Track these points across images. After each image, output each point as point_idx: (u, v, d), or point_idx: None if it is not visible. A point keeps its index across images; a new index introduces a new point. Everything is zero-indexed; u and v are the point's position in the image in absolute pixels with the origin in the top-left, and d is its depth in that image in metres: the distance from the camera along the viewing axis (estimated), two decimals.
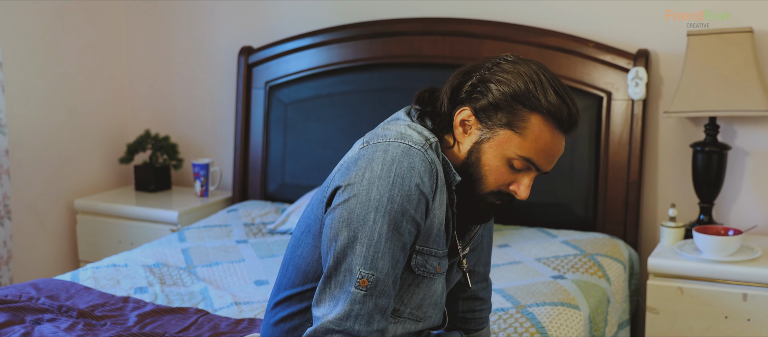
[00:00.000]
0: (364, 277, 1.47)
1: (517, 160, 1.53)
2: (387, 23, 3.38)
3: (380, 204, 1.47)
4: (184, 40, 3.83)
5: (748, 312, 2.66)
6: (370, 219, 1.47)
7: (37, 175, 3.56)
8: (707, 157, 2.91)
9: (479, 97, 1.53)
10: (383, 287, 1.48)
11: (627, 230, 3.11)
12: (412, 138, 1.52)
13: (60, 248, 3.71)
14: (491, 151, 1.53)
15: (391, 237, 1.47)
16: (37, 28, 3.51)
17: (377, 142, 1.53)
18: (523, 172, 1.55)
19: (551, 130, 1.52)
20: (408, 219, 1.48)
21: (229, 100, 3.78)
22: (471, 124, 1.55)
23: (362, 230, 1.47)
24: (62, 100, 3.65)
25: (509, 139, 1.52)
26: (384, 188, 1.47)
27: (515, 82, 1.51)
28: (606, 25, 3.15)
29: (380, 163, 1.49)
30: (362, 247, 1.47)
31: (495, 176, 1.54)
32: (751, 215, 3.06)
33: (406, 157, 1.48)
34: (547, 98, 1.50)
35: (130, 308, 2.36)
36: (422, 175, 1.48)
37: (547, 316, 2.31)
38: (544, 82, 1.51)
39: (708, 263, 2.70)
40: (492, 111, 1.52)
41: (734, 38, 2.84)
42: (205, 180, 3.67)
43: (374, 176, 1.48)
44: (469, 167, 1.55)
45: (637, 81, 3.02)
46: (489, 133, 1.53)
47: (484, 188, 1.55)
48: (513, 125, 1.51)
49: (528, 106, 1.50)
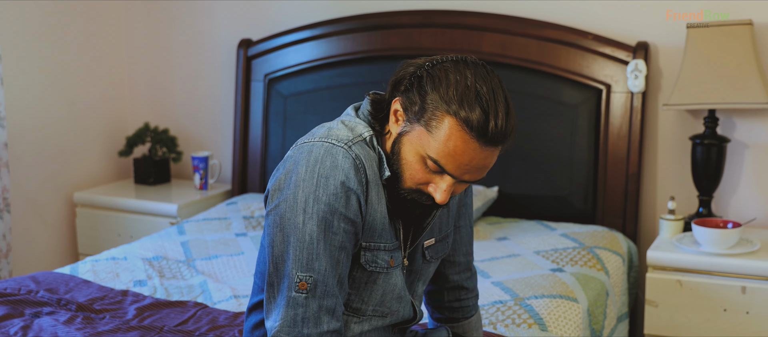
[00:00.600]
0: (301, 280, 1.48)
1: (427, 159, 1.49)
2: (386, 16, 3.38)
3: (307, 206, 1.47)
4: (183, 33, 3.83)
5: (747, 305, 2.66)
6: (299, 222, 1.47)
7: (36, 168, 3.56)
8: (706, 149, 2.91)
9: (410, 89, 1.51)
10: (324, 287, 1.48)
11: (626, 222, 3.11)
12: (338, 135, 1.52)
13: (59, 241, 3.72)
14: (408, 145, 1.51)
15: (324, 237, 1.47)
16: (36, 22, 3.51)
17: (304, 142, 1.54)
18: (438, 174, 1.51)
19: (464, 137, 1.45)
20: (338, 217, 1.48)
21: (228, 92, 3.77)
22: (400, 115, 1.53)
23: (294, 234, 1.48)
24: (61, 93, 3.65)
25: (422, 136, 1.49)
26: (309, 190, 1.47)
27: (444, 81, 1.47)
28: (605, 17, 3.15)
29: (304, 164, 1.49)
30: (296, 250, 1.48)
31: (410, 173, 1.52)
32: (750, 208, 3.06)
33: (329, 156, 1.48)
34: (466, 103, 1.44)
35: (128, 301, 2.36)
36: (347, 171, 1.48)
37: (545, 308, 2.32)
38: (472, 88, 1.45)
39: (707, 255, 2.70)
40: (416, 105, 1.49)
41: (734, 31, 2.84)
42: (205, 173, 3.67)
43: (299, 178, 1.48)
44: (392, 158, 1.54)
45: (636, 73, 3.02)
46: (408, 127, 1.51)
47: (402, 183, 1.53)
48: (428, 123, 1.47)
49: (445, 108, 1.45)
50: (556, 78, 3.16)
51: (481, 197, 3.12)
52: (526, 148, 3.19)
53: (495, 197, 3.20)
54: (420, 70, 1.51)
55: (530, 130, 3.18)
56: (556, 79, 3.16)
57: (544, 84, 3.17)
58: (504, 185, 3.23)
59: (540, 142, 3.18)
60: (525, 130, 3.19)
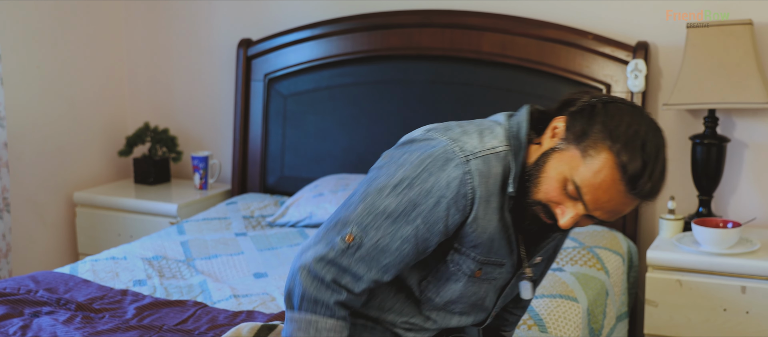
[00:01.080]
0: (351, 233, 1.51)
1: (570, 183, 1.48)
2: (386, 15, 3.38)
3: (399, 186, 1.50)
4: (183, 33, 3.83)
5: (747, 305, 2.66)
6: (385, 193, 1.50)
7: (36, 168, 3.56)
8: (706, 149, 2.91)
9: (580, 113, 1.50)
10: (365, 255, 1.50)
11: (626, 222, 3.11)
12: (467, 143, 1.51)
13: (59, 241, 3.72)
14: (555, 162, 1.49)
15: (394, 219, 1.50)
16: (36, 21, 3.51)
17: (436, 133, 1.54)
18: (572, 200, 1.49)
19: (615, 177, 1.44)
20: (417, 214, 1.49)
21: (228, 92, 3.77)
22: (559, 132, 1.51)
23: (373, 196, 1.51)
24: (61, 93, 3.64)
25: (573, 159, 1.47)
26: (409, 175, 1.50)
27: (616, 119, 1.46)
28: (605, 17, 3.15)
29: (419, 153, 1.52)
30: (365, 210, 1.51)
31: (547, 188, 1.50)
32: (750, 208, 3.05)
33: (443, 159, 1.49)
34: (630, 148, 1.44)
35: (128, 300, 2.36)
36: (450, 182, 1.48)
37: (545, 308, 2.32)
38: (641, 138, 1.45)
39: (707, 255, 2.70)
40: (580, 129, 1.48)
41: (734, 30, 2.84)
42: (205, 173, 3.67)
43: (408, 160, 1.51)
44: (533, 168, 1.52)
45: (636, 73, 3.02)
46: (563, 146, 1.49)
47: (533, 194, 1.52)
48: (585, 150, 1.46)
49: (607, 145, 1.45)
50: (556, 78, 3.16)
51: None
52: None
53: None
54: (595, 101, 1.51)
55: None
56: (556, 79, 3.16)
57: (543, 84, 3.17)
58: None
59: None
60: None
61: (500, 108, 3.18)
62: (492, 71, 3.23)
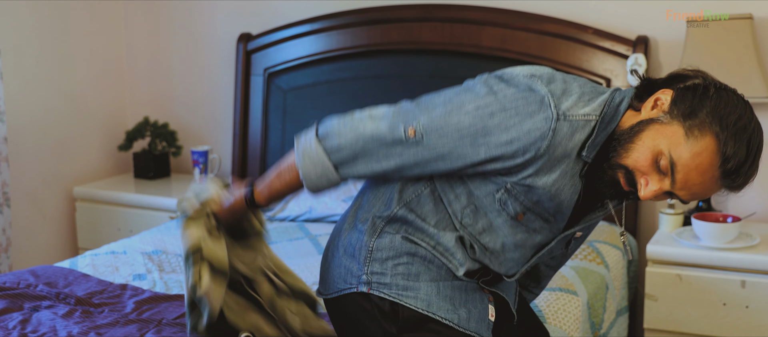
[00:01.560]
0: (416, 130, 1.50)
1: (664, 157, 1.45)
2: (386, 10, 3.37)
3: (483, 108, 1.47)
4: (182, 27, 3.83)
5: (747, 299, 2.66)
6: (464, 109, 1.48)
7: (36, 162, 3.56)
8: None
9: (690, 91, 1.48)
10: (419, 154, 1.50)
11: (626, 216, 3.11)
12: (563, 103, 1.46)
13: (59, 236, 3.72)
14: (654, 133, 1.46)
15: (462, 139, 1.48)
16: (35, 16, 3.50)
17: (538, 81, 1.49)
18: (659, 174, 1.47)
19: (713, 162, 1.44)
20: (485, 142, 1.47)
21: (227, 87, 3.77)
22: (662, 104, 1.49)
23: (451, 108, 1.49)
24: (61, 88, 3.64)
25: (675, 135, 1.45)
26: (496, 108, 1.47)
27: (730, 106, 1.45)
28: (605, 11, 3.14)
29: (519, 92, 1.47)
30: (439, 115, 1.49)
31: (637, 155, 1.47)
32: (749, 202, 3.05)
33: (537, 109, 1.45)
34: (737, 139, 1.43)
35: (127, 295, 2.36)
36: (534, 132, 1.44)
37: (544, 301, 2.32)
38: (749, 132, 1.45)
39: (706, 250, 2.70)
40: (687, 107, 1.46)
41: (734, 25, 2.83)
42: (204, 167, 3.66)
43: (506, 92, 1.48)
44: (626, 133, 1.49)
45: (636, 67, 3.02)
46: (666, 119, 1.46)
47: (622, 158, 1.48)
48: (690, 128, 1.44)
49: (712, 123, 1.44)
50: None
51: None
52: None
53: None
54: (709, 83, 1.49)
55: None
56: None
57: None
58: None
59: None
60: None
61: None
62: (492, 66, 3.22)
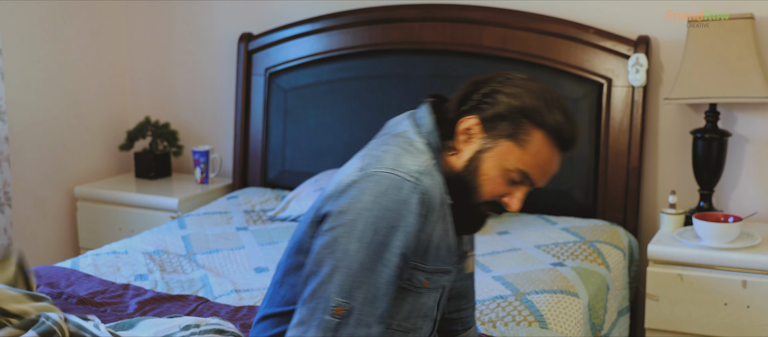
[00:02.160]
0: (339, 305, 1.45)
1: (514, 172, 1.54)
2: (387, 10, 3.37)
3: (364, 235, 1.45)
4: (183, 27, 3.83)
5: (748, 299, 2.66)
6: (352, 249, 1.45)
7: (37, 162, 3.56)
8: (707, 144, 2.91)
9: (487, 107, 1.54)
10: (359, 317, 1.45)
11: (627, 216, 3.11)
12: (408, 166, 1.50)
13: (60, 236, 3.72)
14: (491, 161, 1.54)
15: (373, 269, 1.45)
16: (36, 15, 3.50)
17: (373, 171, 1.50)
18: (517, 185, 1.56)
19: (551, 148, 1.54)
20: (393, 253, 1.46)
21: (229, 86, 3.77)
22: (475, 133, 1.54)
23: (344, 260, 1.45)
24: (62, 88, 3.64)
25: (510, 151, 1.53)
26: (370, 220, 1.45)
27: (525, 96, 1.53)
28: (606, 11, 3.14)
29: (370, 194, 1.47)
30: (341, 276, 1.45)
31: (491, 187, 1.55)
32: (751, 202, 3.06)
33: (396, 190, 1.46)
34: (553, 116, 1.52)
35: (130, 295, 2.36)
36: (412, 208, 1.46)
37: (545, 304, 2.32)
38: (552, 101, 1.53)
39: (708, 249, 2.70)
40: (497, 121, 1.53)
41: (735, 25, 2.83)
42: (205, 167, 3.67)
43: (362, 207, 1.46)
44: (467, 175, 1.55)
45: (637, 67, 3.02)
46: (491, 143, 1.53)
47: (479, 197, 1.55)
48: (516, 137, 1.52)
49: (533, 121, 1.52)
50: (557, 72, 3.16)
51: None
52: None
53: None
54: (492, 87, 1.55)
55: None
56: (556, 74, 3.16)
57: (544, 78, 3.16)
58: None
59: None
60: None
61: None
62: (493, 65, 3.22)
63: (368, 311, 1.46)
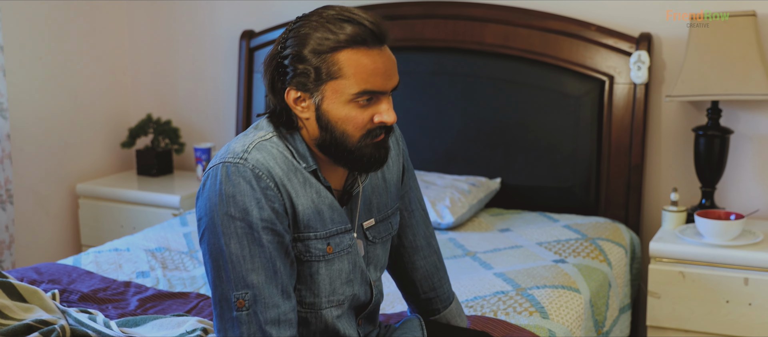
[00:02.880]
0: (239, 298, 1.50)
1: (358, 97, 1.52)
2: (389, 7, 3.37)
3: (225, 228, 1.49)
4: (185, 24, 3.83)
5: (750, 296, 2.66)
6: (222, 245, 1.50)
7: (38, 159, 3.57)
8: (709, 141, 2.91)
9: (289, 74, 1.53)
10: (264, 300, 1.50)
11: (628, 214, 3.11)
12: (234, 151, 1.53)
13: (62, 233, 3.72)
14: (332, 106, 1.52)
15: (249, 252, 1.49)
16: (38, 12, 3.51)
17: (209, 168, 1.55)
18: (373, 102, 1.54)
19: (365, 53, 1.50)
20: (257, 229, 1.49)
21: (230, 84, 3.77)
22: (302, 98, 1.54)
23: (221, 258, 1.50)
24: (64, 85, 3.64)
25: (337, 88, 1.51)
26: (222, 212, 1.49)
27: (304, 39, 1.51)
28: (609, 8, 3.14)
29: (211, 188, 1.51)
30: (227, 272, 1.50)
31: (352, 123, 1.53)
32: (753, 199, 3.05)
33: (228, 175, 1.50)
34: (339, 33, 1.49)
35: (131, 292, 2.37)
36: (249, 182, 1.49)
37: (547, 297, 2.32)
38: (330, 20, 1.50)
39: (709, 247, 2.70)
40: (306, 76, 1.52)
41: (737, 22, 2.83)
42: (207, 164, 3.66)
43: (211, 204, 1.51)
44: (328, 132, 1.55)
45: (639, 65, 3.01)
46: (319, 95, 1.52)
47: (351, 139, 1.54)
48: (330, 75, 1.50)
49: (330, 51, 1.50)
50: (559, 69, 3.15)
51: (483, 188, 3.12)
52: (529, 139, 3.19)
53: (497, 188, 3.19)
54: (278, 57, 1.55)
55: (533, 121, 3.18)
56: (558, 71, 3.15)
57: (546, 75, 3.16)
58: (506, 177, 3.23)
59: (542, 133, 3.18)
60: (527, 122, 3.19)
61: (503, 99, 3.19)
62: (495, 63, 3.22)
63: (269, 291, 1.50)
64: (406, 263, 1.85)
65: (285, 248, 1.53)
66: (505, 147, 3.23)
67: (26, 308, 1.91)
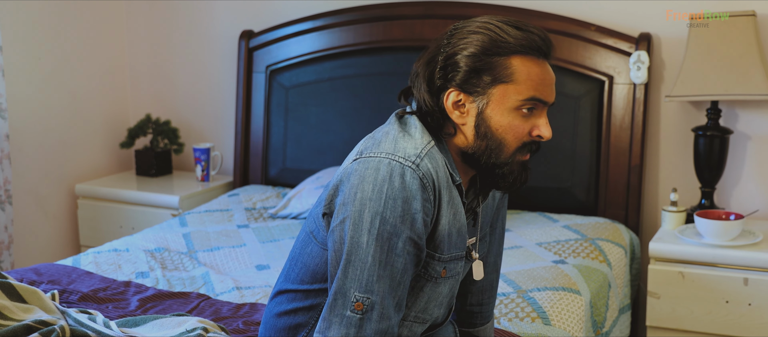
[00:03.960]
0: (358, 300, 1.44)
1: (523, 104, 1.49)
2: (388, 7, 3.37)
3: (372, 226, 1.44)
4: (184, 24, 3.82)
5: (749, 297, 2.66)
6: (363, 242, 1.44)
7: (37, 159, 3.56)
8: (709, 141, 2.91)
9: (454, 74, 1.50)
10: (381, 310, 1.45)
11: (628, 214, 3.11)
12: (405, 152, 1.48)
13: (61, 233, 3.72)
14: (496, 112, 1.50)
15: (386, 259, 1.44)
16: (37, 12, 3.50)
17: (369, 156, 1.49)
18: (534, 114, 1.52)
19: (535, 62, 1.50)
20: (404, 240, 1.45)
21: (229, 84, 3.77)
22: (463, 101, 1.51)
23: (356, 253, 1.45)
24: (63, 85, 3.64)
25: (505, 93, 1.49)
26: (375, 210, 1.44)
27: (477, 40, 1.49)
28: (608, 8, 3.14)
29: (371, 183, 1.45)
30: (356, 270, 1.45)
31: (513, 133, 1.51)
32: (752, 200, 3.05)
33: (398, 176, 1.45)
34: (513, 36, 1.48)
35: (131, 291, 2.36)
36: (415, 193, 1.45)
37: (548, 301, 2.32)
38: (500, 25, 1.49)
39: (709, 247, 2.70)
40: (475, 78, 1.49)
41: (737, 22, 2.83)
42: (206, 165, 3.66)
43: (365, 197, 1.45)
44: (485, 140, 1.51)
45: (639, 65, 3.01)
46: (484, 99, 1.50)
47: (508, 149, 1.52)
48: (501, 78, 1.48)
49: (502, 54, 1.48)
50: (558, 69, 3.15)
51: None
52: None
53: None
54: (444, 55, 1.51)
55: None
56: (558, 71, 3.15)
57: None
58: None
59: None
60: None
61: None
62: None
63: (387, 302, 1.46)
64: (467, 275, 1.81)
65: (418, 262, 1.50)
66: None
67: (26, 308, 1.91)
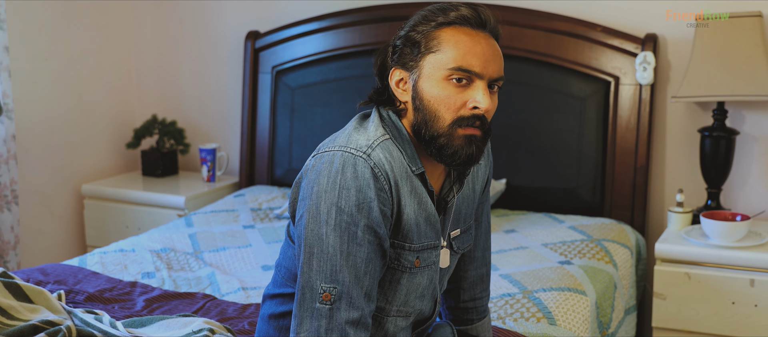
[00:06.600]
0: (325, 291, 1.47)
1: (452, 73, 1.50)
2: (394, 7, 3.37)
3: (329, 217, 1.47)
4: (190, 25, 3.83)
5: (756, 298, 2.65)
6: (322, 233, 1.47)
7: (44, 160, 3.57)
8: (715, 142, 2.90)
9: (395, 53, 1.57)
10: (349, 299, 1.47)
11: (634, 215, 3.11)
12: (358, 143, 1.51)
13: (67, 233, 3.73)
14: (427, 83, 1.52)
15: (347, 249, 1.47)
16: (43, 13, 3.51)
17: (324, 151, 1.53)
18: (468, 87, 1.51)
19: (465, 32, 1.52)
20: (362, 229, 1.47)
21: (235, 85, 3.77)
22: (403, 80, 1.56)
23: (317, 246, 1.48)
24: (69, 85, 3.65)
25: (434, 62, 1.52)
26: (331, 201, 1.47)
27: (413, 19, 1.56)
28: (614, 9, 3.14)
29: (326, 176, 1.49)
30: (319, 262, 1.48)
31: (444, 104, 1.51)
32: (758, 201, 3.05)
33: (350, 167, 1.48)
34: (445, 11, 1.53)
35: (137, 292, 2.37)
36: (368, 181, 1.47)
37: (553, 301, 2.31)
38: (441, 6, 1.54)
39: (715, 248, 2.70)
40: (406, 53, 1.54)
41: (743, 23, 2.83)
42: (212, 165, 3.67)
43: (321, 190, 1.48)
44: (420, 113, 1.53)
45: (645, 65, 3.01)
46: (417, 72, 1.53)
47: (442, 121, 1.52)
48: (429, 49, 1.52)
49: (432, 26, 1.53)
50: (564, 70, 3.15)
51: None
52: (535, 140, 3.19)
53: (503, 189, 3.19)
54: (392, 42, 1.58)
55: (538, 122, 3.18)
56: (564, 72, 3.15)
57: (552, 76, 3.16)
58: (512, 178, 3.23)
59: (548, 134, 3.17)
60: (533, 123, 3.19)
61: (508, 100, 3.19)
62: None
63: (355, 292, 1.48)
64: (457, 271, 1.83)
65: (382, 252, 1.52)
66: (510, 148, 3.22)
67: (32, 308, 1.92)
